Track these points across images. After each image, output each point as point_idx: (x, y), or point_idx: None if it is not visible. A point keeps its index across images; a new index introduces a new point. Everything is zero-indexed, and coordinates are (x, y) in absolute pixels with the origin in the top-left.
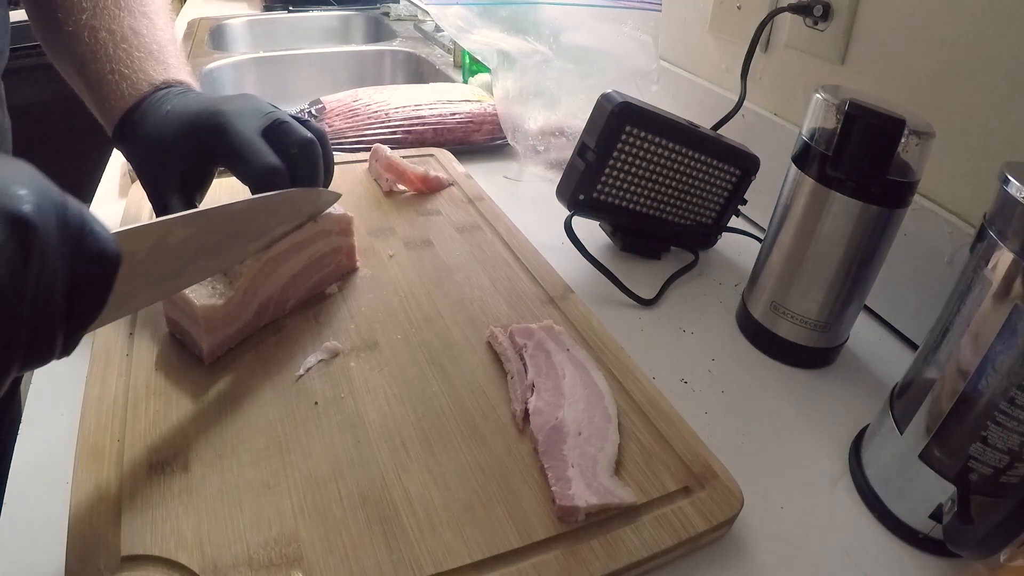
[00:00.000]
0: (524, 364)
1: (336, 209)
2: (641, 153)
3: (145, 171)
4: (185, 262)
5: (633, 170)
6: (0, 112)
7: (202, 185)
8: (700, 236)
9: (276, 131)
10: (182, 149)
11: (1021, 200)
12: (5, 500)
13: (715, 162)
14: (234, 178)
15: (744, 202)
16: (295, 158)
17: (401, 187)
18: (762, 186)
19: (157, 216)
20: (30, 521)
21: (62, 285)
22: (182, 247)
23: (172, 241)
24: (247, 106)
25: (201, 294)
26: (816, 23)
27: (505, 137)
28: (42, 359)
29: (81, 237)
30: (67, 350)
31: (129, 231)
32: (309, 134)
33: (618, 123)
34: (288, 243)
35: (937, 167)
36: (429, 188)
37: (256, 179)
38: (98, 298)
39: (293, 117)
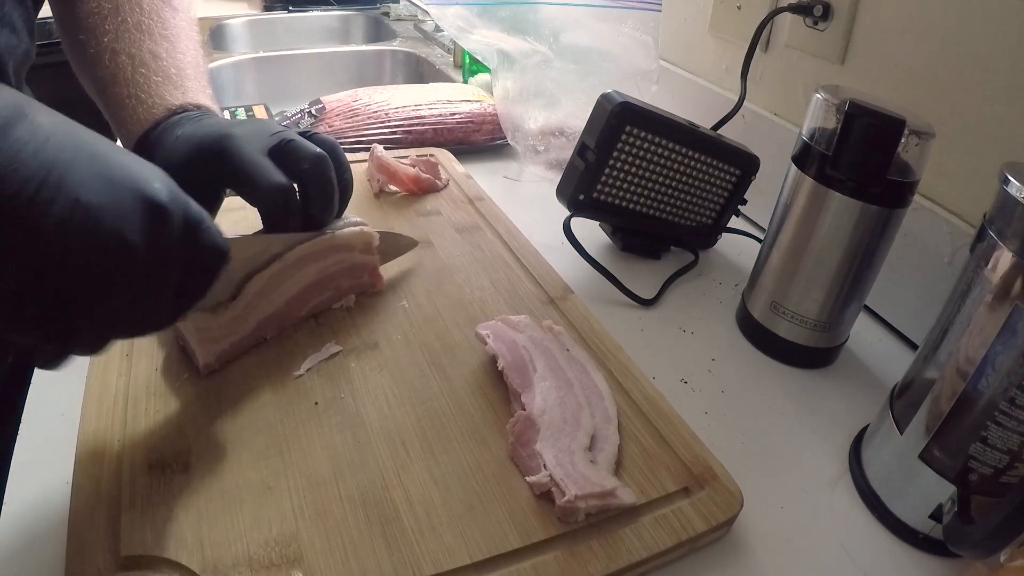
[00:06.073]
0: None
1: (355, 223)
2: (641, 153)
3: None
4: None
5: (633, 170)
6: None
7: (210, 210)
8: (700, 236)
9: (284, 150)
10: (187, 174)
11: (1021, 200)
12: (5, 500)
13: (715, 162)
14: (231, 201)
15: (744, 202)
16: (305, 175)
17: (392, 188)
18: (762, 186)
19: None
20: (30, 521)
21: (179, 265)
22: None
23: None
24: (253, 128)
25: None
26: (816, 23)
27: (505, 137)
28: (146, 327)
29: (199, 231)
30: (169, 322)
31: (234, 240)
32: (318, 149)
33: (618, 123)
34: (295, 256)
35: (937, 167)
36: (421, 189)
37: (264, 200)
38: (205, 283)
39: (303, 134)
